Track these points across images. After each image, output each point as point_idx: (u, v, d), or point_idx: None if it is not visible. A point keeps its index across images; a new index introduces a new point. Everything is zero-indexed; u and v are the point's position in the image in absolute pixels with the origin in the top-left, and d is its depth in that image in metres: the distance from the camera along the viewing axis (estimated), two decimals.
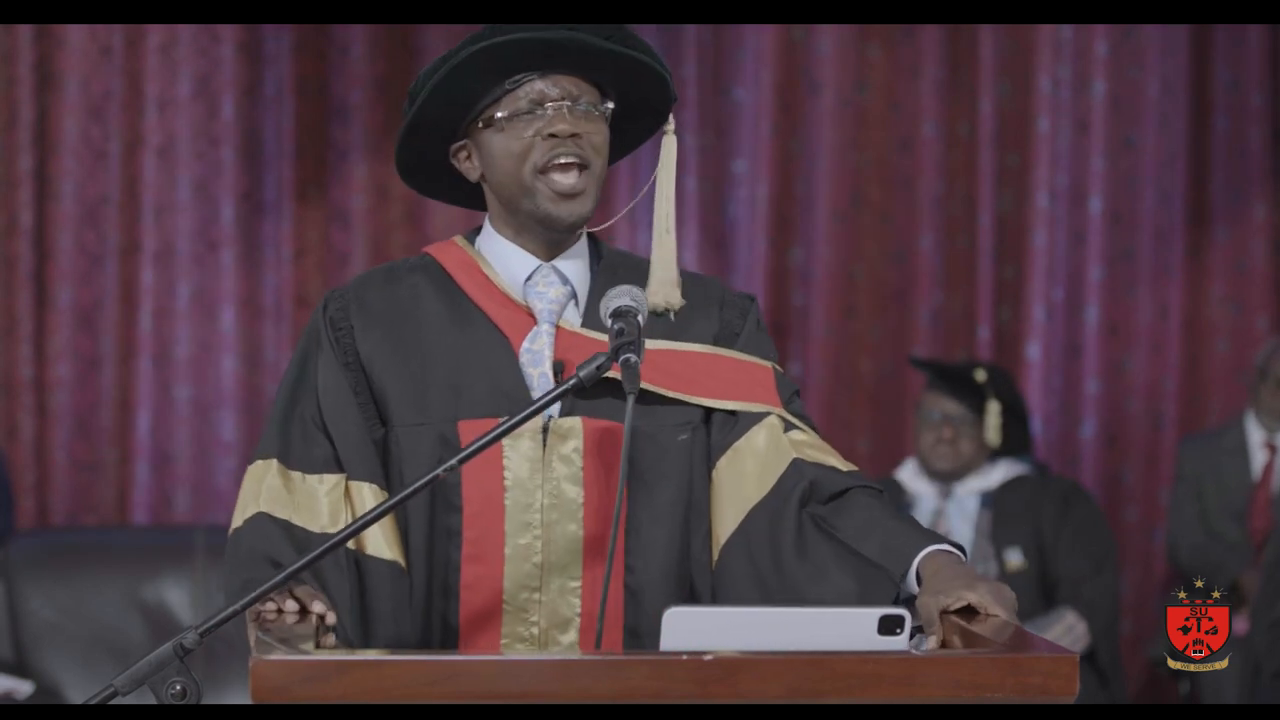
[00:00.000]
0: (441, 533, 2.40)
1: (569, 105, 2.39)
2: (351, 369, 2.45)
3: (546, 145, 2.38)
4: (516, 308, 2.45)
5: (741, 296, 2.56)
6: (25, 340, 5.67)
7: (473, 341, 2.43)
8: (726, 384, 2.46)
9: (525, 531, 2.39)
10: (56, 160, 5.69)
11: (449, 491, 2.40)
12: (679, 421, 2.44)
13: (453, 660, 1.95)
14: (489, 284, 2.46)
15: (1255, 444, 5.67)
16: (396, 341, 2.44)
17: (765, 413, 2.44)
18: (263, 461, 2.43)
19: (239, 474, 5.78)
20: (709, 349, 2.48)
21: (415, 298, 2.47)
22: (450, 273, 2.49)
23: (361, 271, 5.77)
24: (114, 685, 2.07)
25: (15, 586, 5.15)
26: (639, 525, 2.41)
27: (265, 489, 2.40)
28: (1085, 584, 5.04)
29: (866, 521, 2.33)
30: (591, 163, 2.41)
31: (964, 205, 6.08)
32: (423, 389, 2.41)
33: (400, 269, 2.52)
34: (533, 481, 2.39)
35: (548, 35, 2.37)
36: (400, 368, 2.43)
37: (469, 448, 2.23)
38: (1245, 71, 6.12)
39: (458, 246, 2.52)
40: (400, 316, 2.46)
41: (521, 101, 2.39)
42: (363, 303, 2.48)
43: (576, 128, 2.38)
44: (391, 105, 5.86)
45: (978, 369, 5.28)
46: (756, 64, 5.96)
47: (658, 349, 2.43)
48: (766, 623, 2.03)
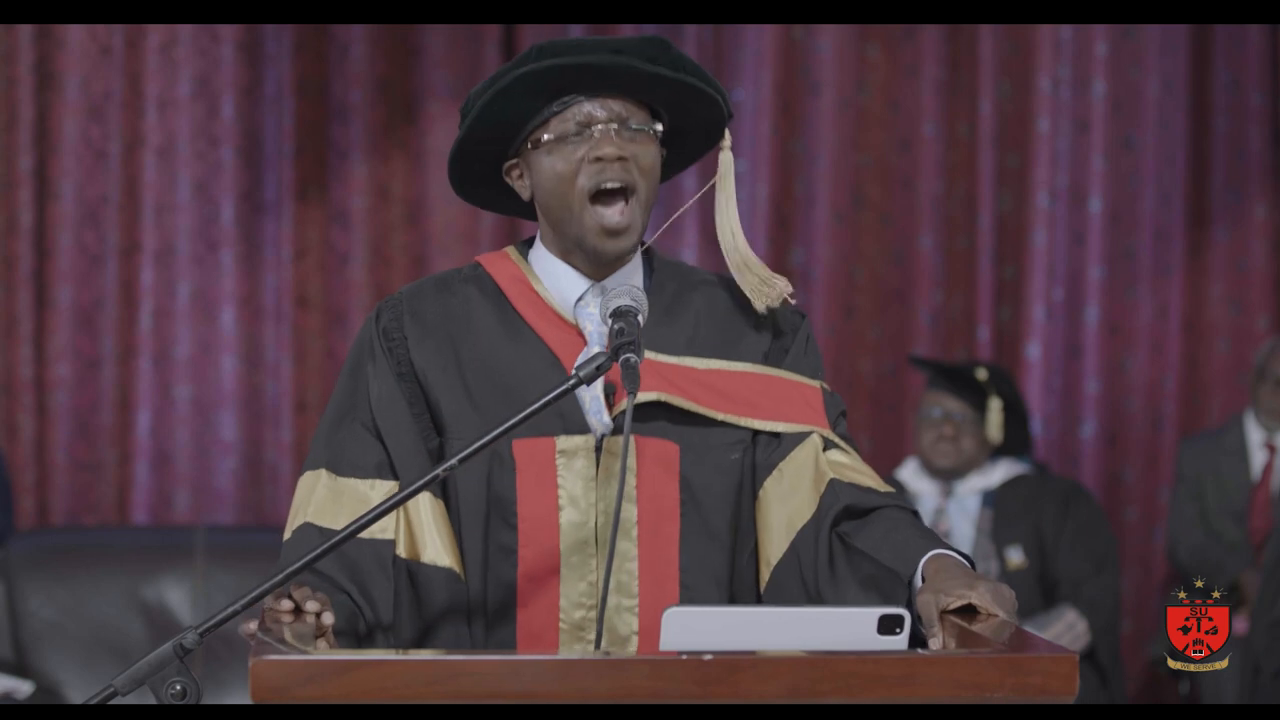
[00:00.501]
0: (496, 550, 2.40)
1: (616, 127, 2.37)
2: (406, 379, 2.44)
3: (594, 168, 2.36)
4: (567, 327, 2.44)
5: (793, 312, 2.53)
6: (25, 340, 5.68)
7: (525, 360, 2.42)
8: (776, 405, 2.45)
9: (580, 550, 2.39)
10: (56, 160, 5.70)
11: (504, 509, 2.39)
12: (730, 441, 2.44)
13: (453, 660, 1.94)
14: (540, 301, 2.46)
15: (1255, 444, 5.67)
16: (450, 354, 2.44)
17: (808, 432, 2.44)
18: (311, 473, 2.43)
19: (239, 474, 5.82)
20: (759, 369, 2.47)
21: (468, 311, 2.47)
22: (501, 287, 2.48)
23: (361, 268, 5.83)
24: (114, 685, 2.07)
25: (15, 586, 5.15)
26: (692, 543, 2.41)
27: (314, 499, 2.40)
28: (1086, 583, 5.04)
29: (885, 532, 2.33)
30: (638, 186, 2.38)
31: (964, 205, 6.08)
32: (477, 404, 2.41)
33: (453, 279, 2.51)
34: (587, 499, 2.39)
35: (592, 60, 2.35)
36: (455, 380, 2.42)
37: (469, 449, 2.22)
38: (1245, 71, 6.12)
39: (510, 260, 2.51)
40: (454, 329, 2.45)
41: (569, 124, 2.38)
42: (416, 313, 2.47)
43: (624, 150, 2.36)
44: (392, 105, 5.86)
45: (978, 368, 5.28)
46: (756, 64, 5.96)
47: (710, 368, 2.44)
48: (766, 623, 2.03)
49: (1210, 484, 5.66)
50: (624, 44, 2.37)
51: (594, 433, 2.39)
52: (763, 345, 2.49)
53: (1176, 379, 6.13)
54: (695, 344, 2.45)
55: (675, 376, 2.42)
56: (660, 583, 2.39)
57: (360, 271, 5.84)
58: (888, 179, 6.07)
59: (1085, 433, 6.08)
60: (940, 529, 5.12)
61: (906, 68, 6.05)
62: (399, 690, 1.88)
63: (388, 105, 5.85)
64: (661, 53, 2.38)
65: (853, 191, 6.05)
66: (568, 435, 2.39)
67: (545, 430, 2.38)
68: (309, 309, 5.85)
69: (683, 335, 2.46)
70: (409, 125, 5.86)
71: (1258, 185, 6.15)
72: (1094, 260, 6.06)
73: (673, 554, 2.40)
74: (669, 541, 2.40)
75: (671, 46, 2.40)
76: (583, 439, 2.39)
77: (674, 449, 2.40)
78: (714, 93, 2.43)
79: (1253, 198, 6.15)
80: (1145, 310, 6.10)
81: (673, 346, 2.44)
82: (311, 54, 5.82)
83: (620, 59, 2.35)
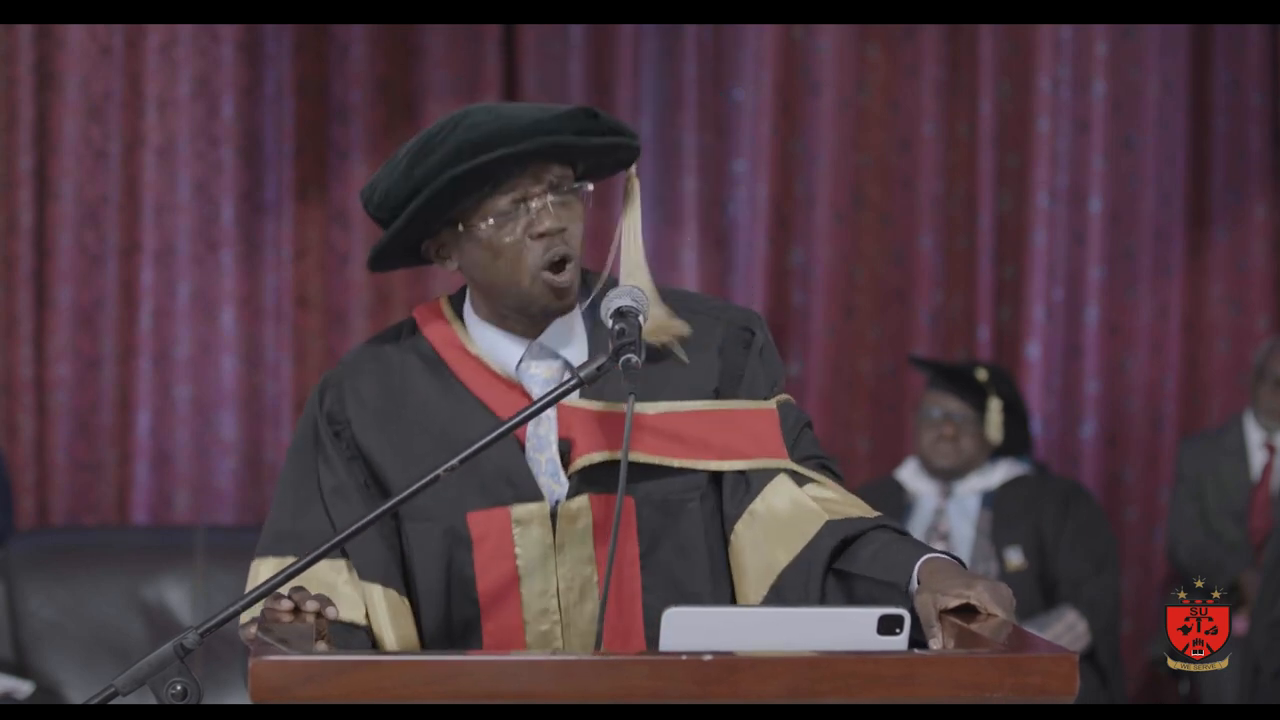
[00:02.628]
0: (460, 627, 2.39)
1: (551, 198, 2.34)
2: (355, 462, 2.42)
3: (539, 245, 2.33)
4: (511, 388, 2.40)
5: (741, 328, 2.46)
6: (25, 340, 5.67)
7: (470, 429, 2.34)
8: (733, 442, 2.41)
9: (544, 618, 2.38)
10: (56, 160, 5.69)
11: (465, 586, 2.38)
12: (687, 488, 2.40)
13: (453, 660, 1.95)
14: (479, 365, 2.42)
15: (1255, 444, 5.67)
16: (394, 434, 2.41)
17: (775, 470, 2.40)
18: (260, 559, 2.40)
19: (239, 474, 5.82)
20: (711, 405, 2.42)
21: (406, 385, 2.43)
22: (438, 352, 2.44)
23: (361, 268, 5.82)
24: (114, 685, 2.07)
25: (15, 586, 5.15)
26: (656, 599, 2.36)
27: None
28: (1086, 583, 5.04)
29: (874, 552, 2.30)
30: (575, 254, 2.36)
31: (964, 205, 6.08)
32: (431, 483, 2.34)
33: (388, 349, 2.46)
34: (545, 568, 2.38)
35: (536, 146, 2.30)
36: (402, 461, 2.39)
37: (471, 448, 2.22)
38: (1245, 71, 6.11)
39: (444, 320, 2.46)
40: (395, 407, 2.42)
41: (503, 201, 2.33)
42: (357, 394, 2.43)
43: (561, 222, 2.34)
44: (392, 105, 5.86)
45: (978, 368, 5.28)
46: (756, 64, 5.96)
47: (659, 412, 2.39)
48: (766, 623, 2.03)
49: (1210, 484, 5.66)
50: (554, 124, 2.33)
51: (548, 498, 2.38)
52: (713, 375, 2.44)
53: (1176, 379, 6.13)
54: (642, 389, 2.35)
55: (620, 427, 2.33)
56: (628, 639, 2.37)
57: (360, 271, 5.84)
58: (888, 179, 6.07)
59: (1085, 433, 6.08)
60: (940, 530, 5.12)
61: (906, 68, 6.05)
62: (399, 690, 1.88)
63: (388, 105, 5.85)
64: (590, 122, 2.36)
65: (853, 191, 6.05)
66: (522, 504, 2.37)
67: (499, 499, 2.37)
68: (309, 309, 5.85)
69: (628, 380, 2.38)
70: (409, 125, 5.86)
71: (1258, 185, 6.15)
72: (1094, 260, 6.06)
73: (637, 610, 2.38)
74: (632, 599, 2.38)
75: (599, 114, 2.37)
76: (537, 506, 2.37)
77: (629, 503, 2.36)
78: (634, 144, 2.41)
79: (1253, 198, 6.15)
80: (1145, 310, 6.10)
81: (618, 395, 2.35)
82: (311, 54, 5.82)
83: (558, 139, 2.32)
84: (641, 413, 2.37)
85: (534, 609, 2.38)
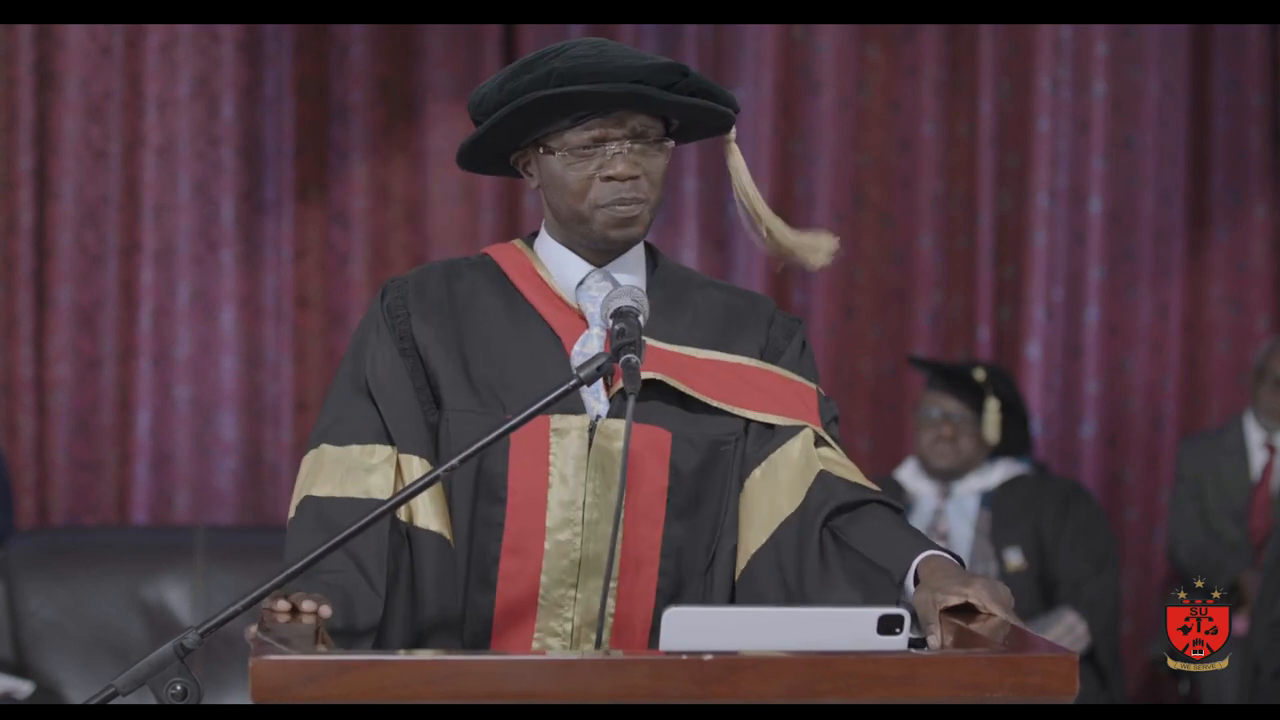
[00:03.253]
0: (482, 523, 2.43)
1: (630, 144, 2.41)
2: (408, 354, 2.48)
3: (607, 187, 2.41)
4: (569, 310, 2.48)
5: (790, 319, 2.59)
6: (25, 340, 5.67)
7: (526, 340, 2.46)
8: (770, 398, 2.49)
9: (566, 528, 2.42)
10: (56, 160, 5.69)
11: (494, 482, 2.43)
12: (724, 432, 2.47)
13: (453, 660, 1.95)
14: (544, 285, 2.51)
15: (1255, 444, 5.67)
16: (452, 331, 2.48)
17: (801, 427, 2.48)
18: (313, 451, 2.47)
19: (239, 474, 5.81)
20: (756, 363, 2.51)
21: (472, 293, 2.51)
22: (507, 273, 2.52)
23: (361, 268, 5.83)
24: (114, 685, 2.07)
25: (15, 586, 5.15)
26: (675, 530, 2.44)
27: (314, 473, 2.44)
28: (1086, 584, 5.04)
29: (875, 530, 2.36)
30: (649, 198, 2.44)
31: (964, 205, 6.08)
32: (475, 380, 2.45)
33: (460, 265, 2.56)
34: (576, 479, 2.42)
35: (613, 89, 2.37)
36: (455, 357, 2.46)
37: (470, 449, 2.24)
38: (1245, 71, 6.11)
39: (515, 249, 2.56)
40: (457, 309, 2.50)
41: (583, 136, 2.41)
42: (421, 292, 2.51)
43: (636, 169, 2.41)
44: (392, 105, 5.86)
45: (977, 368, 5.29)
46: (756, 64, 5.96)
47: (706, 358, 2.48)
48: (766, 623, 2.03)
49: (1210, 484, 5.66)
50: (644, 72, 2.40)
51: (589, 413, 2.42)
52: (758, 344, 2.53)
53: (1176, 379, 6.13)
54: (693, 336, 2.49)
55: (671, 361, 2.45)
56: (640, 566, 2.42)
57: (360, 271, 5.84)
58: (888, 179, 6.07)
59: (1085, 433, 6.08)
60: (939, 530, 5.12)
61: (906, 68, 6.05)
62: (399, 690, 1.88)
63: (388, 105, 5.85)
64: (679, 79, 2.42)
65: (853, 191, 6.05)
66: (562, 415, 2.42)
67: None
68: (309, 309, 5.85)
69: (681, 326, 2.50)
70: (409, 125, 5.86)
71: (1258, 185, 6.15)
72: (1094, 260, 6.06)
73: (655, 538, 2.43)
74: (654, 526, 2.43)
75: (690, 72, 2.43)
76: (577, 419, 2.42)
77: (666, 436, 2.43)
78: (726, 109, 2.48)
79: (1253, 198, 6.15)
80: (1145, 310, 6.10)
81: (671, 335, 2.48)
82: (311, 54, 5.82)
83: (639, 89, 2.38)
84: (691, 355, 2.47)
85: (557, 517, 2.42)
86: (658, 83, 2.40)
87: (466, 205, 5.89)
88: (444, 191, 5.89)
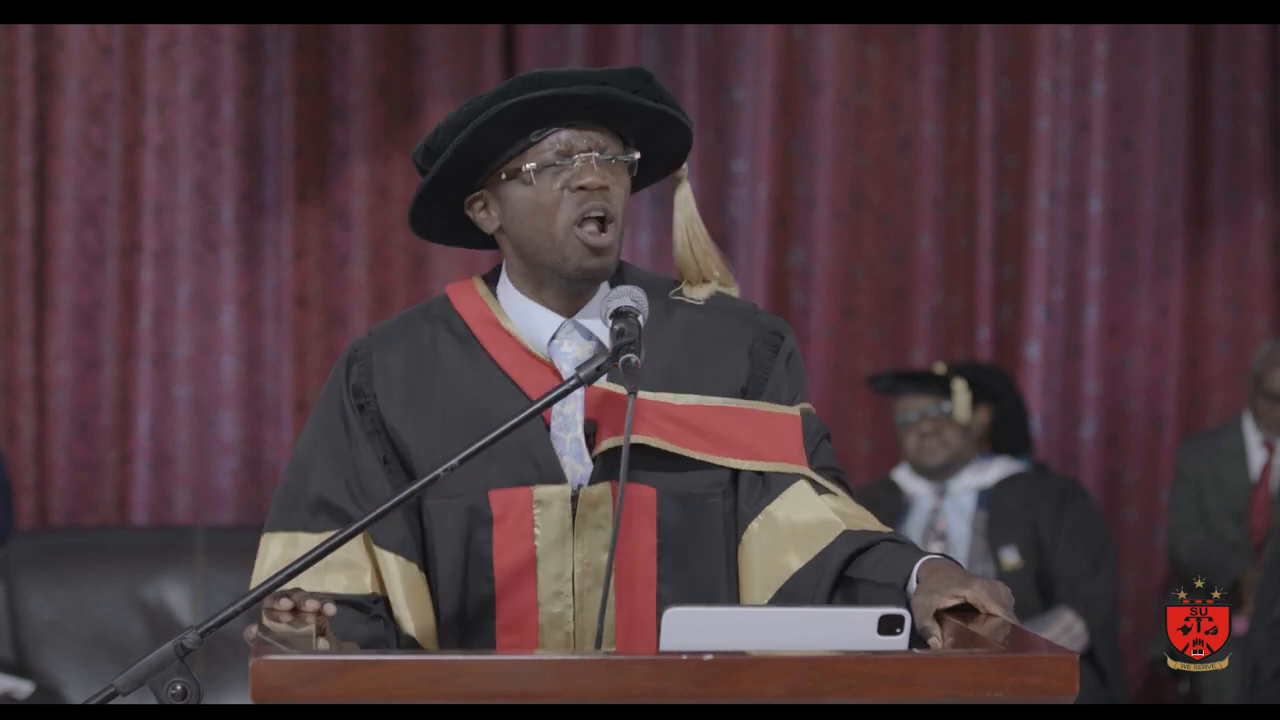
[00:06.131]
0: (474, 603, 2.39)
1: (596, 156, 2.36)
2: (378, 436, 2.43)
3: (577, 198, 2.35)
4: (541, 366, 2.41)
5: (771, 332, 2.49)
6: (25, 340, 5.67)
7: (498, 406, 2.37)
8: (755, 442, 2.42)
9: (557, 600, 2.38)
10: (56, 160, 5.69)
11: (482, 564, 2.38)
12: (710, 484, 2.41)
13: (453, 660, 1.94)
14: (511, 341, 2.42)
15: (1254, 444, 5.67)
16: (421, 408, 2.42)
17: (795, 475, 2.41)
18: (285, 535, 2.41)
19: (239, 474, 5.81)
20: (737, 403, 2.43)
21: (435, 358, 2.43)
22: (470, 327, 2.45)
23: (361, 268, 5.83)
24: (114, 685, 2.07)
25: (15, 586, 5.16)
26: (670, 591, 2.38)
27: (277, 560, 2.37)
28: (1083, 582, 5.04)
29: (878, 558, 2.32)
30: (616, 217, 2.38)
31: (964, 205, 6.08)
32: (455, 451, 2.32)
33: (418, 320, 2.48)
34: (564, 550, 2.38)
35: (577, 91, 2.34)
36: (426, 437, 2.40)
37: (470, 448, 2.23)
38: (1245, 71, 6.12)
39: (477, 295, 2.47)
40: (423, 381, 2.43)
41: (548, 153, 2.35)
42: (385, 368, 2.44)
43: (604, 180, 2.35)
44: (392, 105, 5.86)
45: (935, 364, 5.35)
46: (756, 64, 5.96)
47: (686, 404, 2.41)
48: (766, 623, 2.03)
49: (1210, 484, 5.66)
50: (608, 75, 2.37)
51: (571, 480, 2.38)
52: (741, 374, 2.45)
53: (1176, 379, 6.13)
54: (671, 378, 2.41)
55: (651, 415, 2.38)
56: (637, 630, 2.38)
57: (360, 271, 5.84)
58: (888, 179, 6.07)
59: (1085, 433, 6.08)
60: (936, 529, 5.13)
61: (906, 68, 6.05)
62: (399, 690, 1.88)
63: (388, 105, 5.85)
64: (644, 84, 2.39)
65: (853, 191, 6.05)
66: (544, 485, 2.37)
67: (522, 479, 2.37)
68: (309, 309, 5.85)
69: (658, 367, 2.40)
70: (409, 125, 5.86)
71: (1258, 185, 6.15)
72: (1094, 260, 6.06)
73: (650, 600, 2.38)
74: (647, 588, 2.39)
75: (653, 78, 2.40)
76: (559, 489, 2.37)
77: (650, 493, 2.38)
78: (686, 122, 2.44)
79: (1253, 198, 6.15)
80: (1145, 310, 6.10)
81: (648, 379, 2.37)
82: (311, 54, 5.82)
83: (606, 90, 2.35)
84: (669, 403, 2.40)
85: (548, 590, 2.38)
86: (622, 85, 2.37)
87: None
88: None
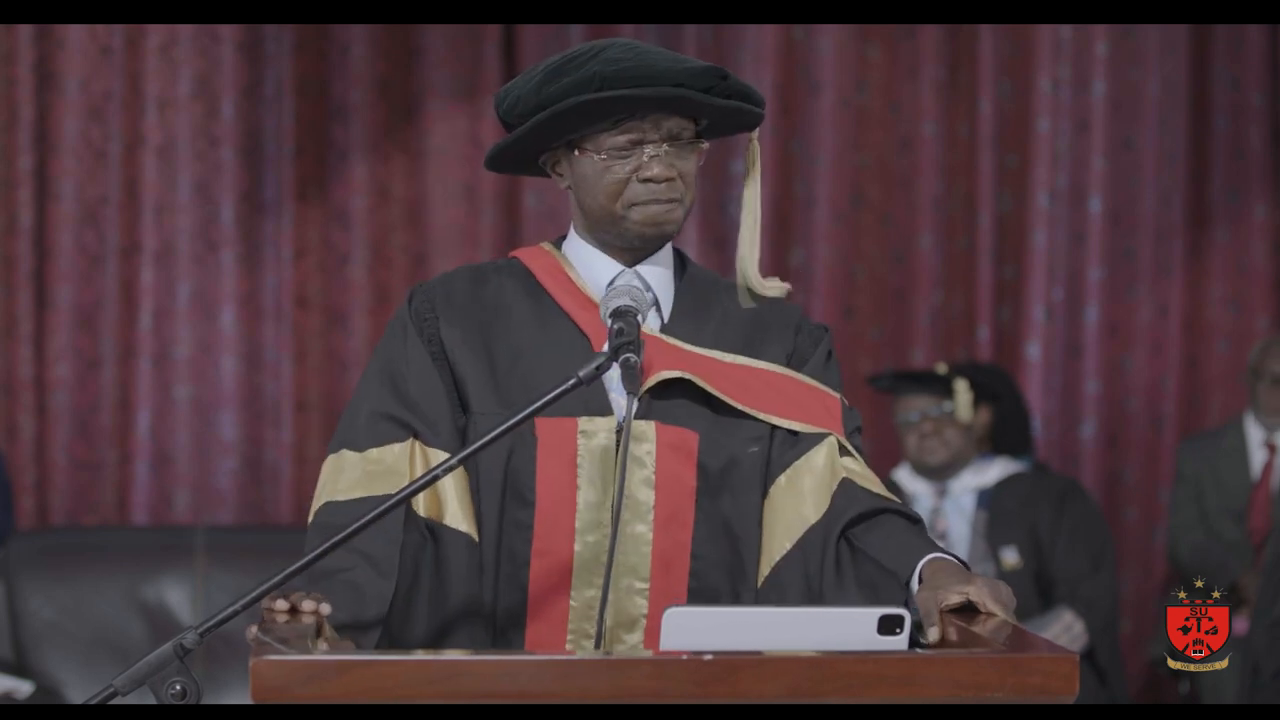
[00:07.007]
0: (511, 525, 2.43)
1: (666, 147, 2.43)
2: (436, 358, 2.48)
3: (642, 189, 2.43)
4: (598, 310, 2.47)
5: (817, 326, 2.60)
6: (25, 340, 5.67)
7: (554, 341, 2.47)
8: (795, 405, 2.49)
9: (595, 530, 2.41)
10: (56, 160, 5.69)
11: (521, 485, 2.43)
12: (750, 435, 2.47)
13: (453, 660, 1.95)
14: (572, 286, 2.51)
15: (1254, 444, 5.67)
16: (480, 335, 2.48)
17: (825, 435, 2.48)
18: (333, 455, 2.47)
19: (239, 474, 5.81)
20: (782, 370, 2.52)
21: (500, 297, 2.52)
22: (535, 274, 2.53)
23: (361, 268, 5.83)
24: (114, 685, 2.07)
25: (15, 586, 5.15)
26: (706, 532, 2.43)
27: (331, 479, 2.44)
28: (1083, 582, 5.04)
29: (887, 535, 2.37)
30: (683, 198, 2.47)
31: (964, 205, 6.08)
32: (502, 382, 2.45)
33: (487, 269, 2.57)
34: (605, 480, 2.41)
35: (658, 94, 2.40)
36: (482, 360, 2.47)
37: (469, 449, 2.25)
38: (1245, 71, 6.12)
39: (544, 251, 2.57)
40: (484, 312, 2.50)
41: (620, 139, 2.43)
42: (449, 296, 2.52)
43: (671, 171, 2.44)
44: (392, 105, 5.86)
45: (937, 365, 5.35)
46: (756, 64, 5.96)
47: (735, 363, 2.48)
48: (766, 623, 2.03)
49: (1210, 484, 5.66)
50: (685, 76, 2.42)
51: (617, 414, 2.43)
52: (785, 351, 2.54)
53: (1176, 379, 6.13)
54: (720, 339, 2.50)
55: (698, 363, 2.46)
56: (672, 568, 2.42)
57: (360, 271, 5.84)
58: (888, 179, 6.07)
59: (1085, 433, 6.08)
60: (936, 529, 5.13)
61: (906, 68, 6.05)
62: (399, 690, 1.88)
63: (388, 105, 5.85)
64: (719, 81, 2.45)
65: (853, 191, 6.05)
66: (589, 416, 2.42)
67: (569, 410, 2.41)
68: (309, 309, 5.85)
69: (708, 329, 2.51)
70: (409, 125, 5.86)
71: (1258, 185, 6.15)
72: (1094, 260, 6.06)
73: (686, 539, 2.43)
74: (684, 527, 2.42)
75: (729, 75, 2.47)
76: (604, 420, 2.43)
77: (693, 436, 2.43)
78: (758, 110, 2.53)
79: (1253, 198, 6.15)
80: (1145, 310, 6.10)
81: (698, 338, 2.48)
82: (311, 54, 5.82)
83: (682, 92, 2.41)
84: (717, 359, 2.48)
85: (586, 519, 2.42)
86: (698, 86, 2.43)
87: (466, 205, 5.89)
88: (444, 191, 5.89)
